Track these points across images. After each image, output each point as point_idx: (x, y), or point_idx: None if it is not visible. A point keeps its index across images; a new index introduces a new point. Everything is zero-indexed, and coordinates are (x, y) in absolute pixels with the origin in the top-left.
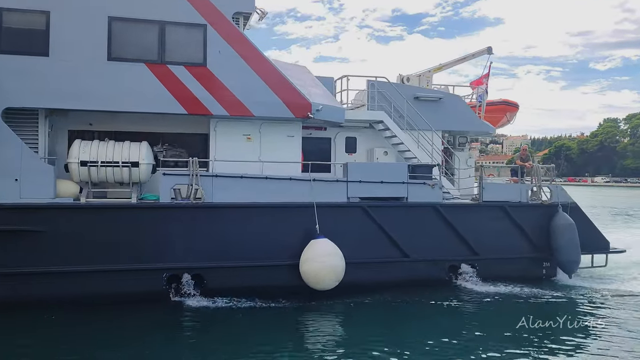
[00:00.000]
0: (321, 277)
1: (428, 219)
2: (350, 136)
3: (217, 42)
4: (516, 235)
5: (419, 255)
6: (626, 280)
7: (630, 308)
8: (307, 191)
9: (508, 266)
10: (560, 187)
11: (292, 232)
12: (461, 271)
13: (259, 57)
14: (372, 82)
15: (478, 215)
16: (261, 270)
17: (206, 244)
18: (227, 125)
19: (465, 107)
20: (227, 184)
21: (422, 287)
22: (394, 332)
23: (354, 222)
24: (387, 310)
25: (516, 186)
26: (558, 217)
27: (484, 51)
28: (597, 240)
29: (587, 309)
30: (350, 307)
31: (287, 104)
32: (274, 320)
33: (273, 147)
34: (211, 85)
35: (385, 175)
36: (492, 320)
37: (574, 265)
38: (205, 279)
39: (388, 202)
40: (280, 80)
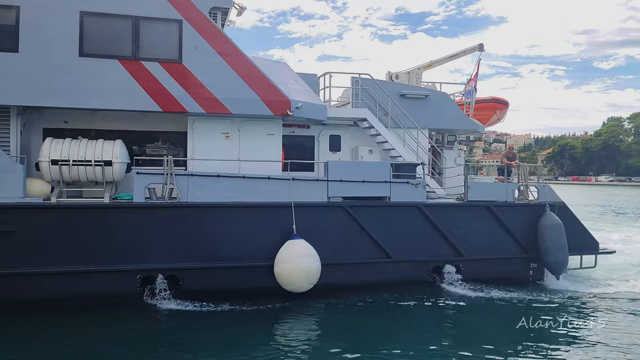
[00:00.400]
0: (293, 279)
1: (411, 219)
2: (334, 134)
3: (193, 37)
4: (502, 235)
5: (401, 256)
6: (614, 281)
7: (617, 310)
8: (287, 191)
9: (494, 267)
10: (547, 187)
11: (269, 232)
12: (445, 272)
13: (237, 53)
14: (356, 79)
15: (463, 215)
16: (238, 272)
17: (181, 245)
18: (205, 123)
19: (452, 104)
20: (203, 183)
21: (405, 288)
22: (372, 334)
23: (335, 223)
24: (367, 312)
25: (502, 185)
26: (545, 217)
27: (475, 48)
28: (586, 241)
29: (572, 310)
30: (329, 309)
31: (266, 102)
32: (250, 323)
33: (252, 146)
34: (187, 82)
35: (367, 174)
36: (474, 323)
37: (561, 267)
38: (181, 280)
39: (370, 201)
40: (259, 77)
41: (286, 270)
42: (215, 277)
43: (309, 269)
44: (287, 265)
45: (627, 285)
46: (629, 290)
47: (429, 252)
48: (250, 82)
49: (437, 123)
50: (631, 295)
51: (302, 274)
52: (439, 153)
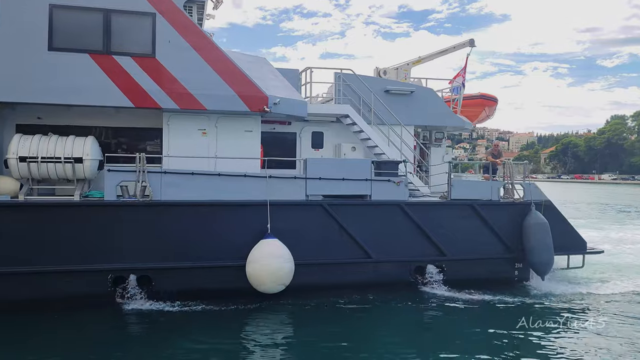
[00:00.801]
0: (263, 279)
1: (392, 218)
2: (316, 131)
3: (167, 31)
4: (486, 235)
5: (382, 256)
6: (600, 282)
7: (601, 312)
8: (263, 189)
9: (478, 268)
10: (534, 185)
11: (244, 231)
12: (427, 273)
13: (212, 47)
14: (339, 74)
15: (446, 214)
16: (212, 272)
17: (154, 244)
18: (181, 119)
19: (438, 100)
20: (176, 180)
21: (386, 289)
22: (347, 337)
23: (313, 222)
24: (344, 314)
25: (487, 184)
26: (530, 217)
27: (465, 43)
28: (574, 241)
29: (555, 311)
30: (305, 311)
31: (242, 97)
32: (223, 325)
33: (230, 143)
34: (160, 77)
35: (347, 172)
36: (455, 325)
37: (546, 267)
38: (153, 281)
39: (350, 200)
40: (235, 72)
41: (256, 271)
42: (189, 277)
43: (279, 269)
44: (257, 265)
45: (608, 286)
46: (611, 291)
47: (411, 252)
48: (226, 77)
49: (422, 119)
50: (611, 297)
51: (272, 274)
52: (425, 150)
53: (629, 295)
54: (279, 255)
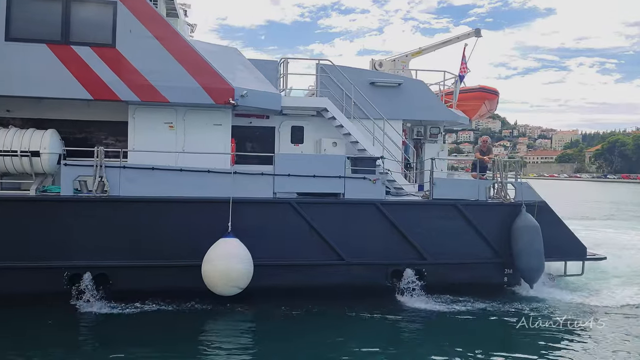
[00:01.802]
0: (215, 281)
1: (367, 218)
2: (296, 125)
3: (129, 21)
4: (471, 237)
5: (356, 259)
6: (599, 291)
7: (596, 326)
8: (229, 185)
9: (462, 273)
10: (526, 185)
11: (206, 230)
12: (405, 277)
13: (176, 37)
14: (321, 66)
15: (426, 215)
16: (172, 271)
17: (111, 241)
18: (147, 112)
19: (428, 93)
20: (136, 176)
21: (361, 293)
22: (312, 345)
23: (280, 220)
24: (310, 319)
25: (473, 182)
26: (520, 218)
27: (471, 33)
28: (571, 246)
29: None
30: (266, 315)
31: (207, 89)
32: (179, 326)
33: (197, 137)
34: (120, 68)
35: (318, 168)
36: (433, 334)
37: (534, 274)
38: (111, 279)
39: (321, 198)
40: (200, 63)
41: (208, 272)
42: (147, 277)
43: (232, 271)
44: (209, 266)
45: (605, 297)
46: (607, 303)
47: (388, 254)
48: (190, 69)
49: (411, 114)
50: (608, 310)
51: (224, 276)
52: (420, 146)
53: (628, 308)
54: (233, 255)
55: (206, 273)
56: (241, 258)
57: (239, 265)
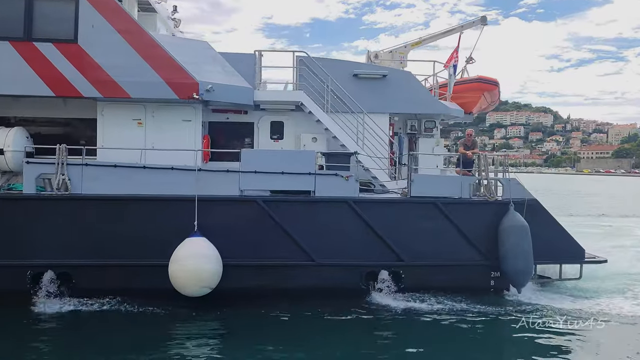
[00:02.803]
0: (183, 281)
1: (340, 217)
2: (276, 120)
3: (91, 15)
4: (453, 238)
5: (327, 260)
6: (594, 297)
7: (582, 337)
8: (195, 183)
9: (443, 275)
10: (515, 181)
11: (171, 229)
12: (379, 280)
13: (139, 31)
14: (300, 58)
15: (404, 213)
16: (136, 270)
17: (74, 240)
18: (116, 109)
19: (416, 85)
20: (99, 173)
21: (334, 296)
22: (275, 347)
23: (247, 219)
24: (279, 323)
25: (455, 179)
26: (507, 218)
27: (477, 22)
28: (567, 248)
29: (531, 333)
30: (232, 318)
31: (170, 84)
32: (141, 328)
33: (167, 134)
34: (82, 64)
35: (287, 164)
36: (402, 339)
37: (521, 277)
38: (74, 278)
39: (289, 196)
40: (163, 57)
41: (176, 272)
42: (111, 276)
43: (200, 271)
44: (177, 266)
45: (602, 304)
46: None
47: (362, 255)
48: (154, 63)
49: (398, 107)
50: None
51: (192, 276)
52: (414, 141)
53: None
54: (202, 255)
55: (174, 273)
56: (210, 258)
57: (208, 265)
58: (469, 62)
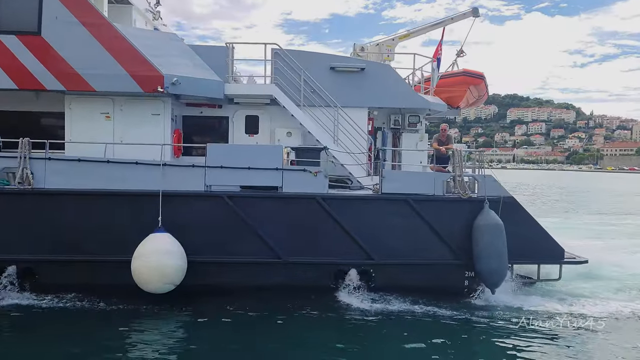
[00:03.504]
0: (145, 277)
1: (308, 214)
2: (251, 115)
3: (54, 7)
4: (426, 236)
5: (294, 257)
6: (570, 298)
7: (552, 343)
8: (160, 178)
9: (415, 275)
10: (491, 178)
11: (135, 224)
12: (348, 278)
13: (104, 23)
14: (276, 50)
15: (375, 211)
16: (99, 266)
17: (37, 235)
18: (84, 102)
19: (395, 79)
20: (62, 168)
21: (303, 295)
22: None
23: (213, 215)
24: (244, 322)
25: (428, 176)
26: (481, 216)
27: (468, 14)
28: (546, 248)
29: (500, 335)
30: (200, 314)
31: (135, 77)
32: (101, 325)
33: (135, 128)
34: (45, 57)
35: (254, 160)
36: (370, 342)
37: (495, 277)
38: (37, 274)
39: (256, 192)
40: (129, 50)
41: (139, 268)
42: (75, 272)
43: (163, 267)
44: (139, 262)
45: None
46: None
47: (330, 253)
48: (118, 56)
49: (377, 101)
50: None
51: (155, 272)
52: (398, 136)
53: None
54: (166, 251)
55: (137, 269)
56: (174, 254)
57: (171, 261)
58: (460, 55)
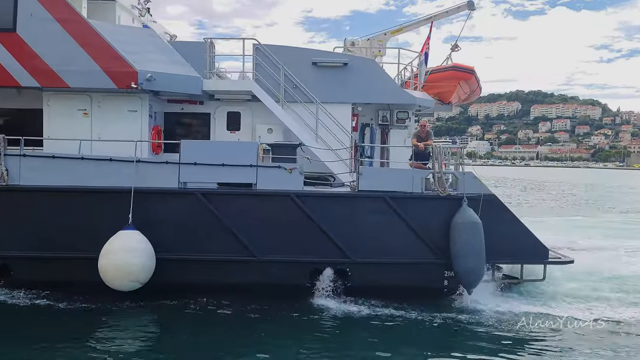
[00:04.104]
0: (110, 275)
1: (282, 211)
2: (232, 111)
3: (30, 4)
4: (404, 235)
5: (269, 256)
6: (553, 300)
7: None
8: (134, 174)
9: (393, 274)
10: (471, 175)
11: (106, 221)
12: (324, 277)
13: (78, 20)
14: (257, 46)
15: (351, 209)
16: (72, 263)
17: (12, 231)
18: (62, 99)
19: (380, 74)
20: (37, 164)
21: (279, 294)
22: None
23: (186, 213)
24: (218, 321)
25: (406, 173)
26: (458, 214)
27: (463, 7)
28: (528, 247)
29: (479, 340)
30: (167, 313)
31: (108, 73)
32: (72, 322)
33: (113, 124)
34: (20, 53)
35: (228, 156)
36: (349, 342)
37: (472, 277)
38: (12, 270)
39: (230, 189)
40: (102, 46)
41: (102, 265)
42: (49, 268)
43: (129, 265)
44: (105, 260)
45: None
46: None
47: (306, 252)
48: (92, 52)
49: (361, 96)
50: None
51: (120, 270)
52: (386, 133)
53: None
54: (131, 249)
55: (103, 267)
56: (139, 252)
57: (136, 259)
58: (454, 49)
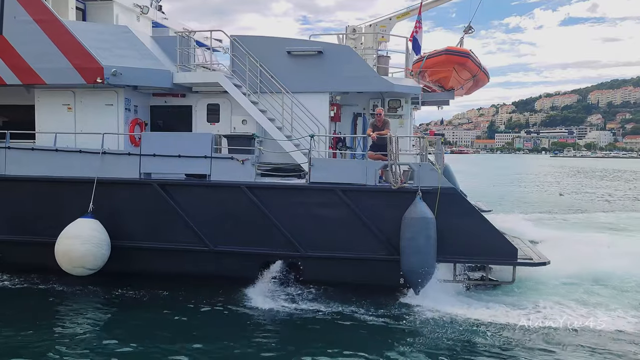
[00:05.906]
0: (58, 260)
1: (235, 203)
2: (212, 103)
3: (14, 7)
4: (357, 229)
5: (221, 246)
6: (516, 302)
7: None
8: (99, 165)
9: (347, 269)
10: (429, 166)
11: (71, 209)
12: (273, 270)
13: (53, 19)
14: (234, 37)
15: (302, 201)
16: (43, 248)
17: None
18: (50, 95)
19: (357, 61)
20: (19, 156)
21: (235, 285)
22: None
23: (145, 202)
24: (170, 307)
25: (360, 164)
26: (410, 208)
27: None
28: (494, 247)
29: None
30: (120, 298)
31: (78, 69)
32: (33, 304)
33: (92, 118)
34: (6, 54)
35: (184, 147)
36: (278, 338)
37: (418, 277)
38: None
39: (185, 180)
40: (73, 43)
41: (55, 250)
42: (29, 253)
43: (73, 251)
44: (56, 245)
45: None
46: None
47: (257, 243)
48: (64, 49)
49: (337, 85)
50: None
51: (65, 256)
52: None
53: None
54: (77, 236)
55: (56, 252)
56: (86, 239)
57: (81, 246)
58: (468, 32)
